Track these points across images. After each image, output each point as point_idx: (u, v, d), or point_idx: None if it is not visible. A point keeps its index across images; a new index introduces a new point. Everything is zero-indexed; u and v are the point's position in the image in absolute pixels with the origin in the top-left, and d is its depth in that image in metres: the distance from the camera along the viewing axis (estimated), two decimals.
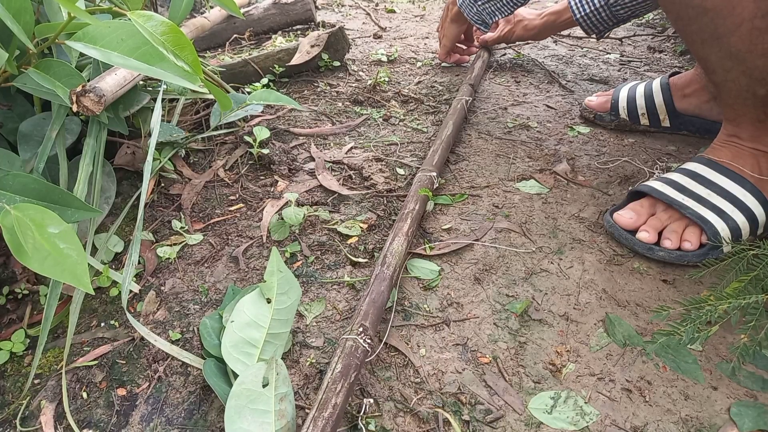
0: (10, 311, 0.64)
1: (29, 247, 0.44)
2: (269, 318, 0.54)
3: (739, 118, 0.72)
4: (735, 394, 0.52)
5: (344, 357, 0.49)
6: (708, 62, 0.71)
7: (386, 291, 0.58)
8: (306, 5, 1.53)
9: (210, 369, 0.53)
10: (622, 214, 0.71)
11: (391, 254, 0.63)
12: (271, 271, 0.57)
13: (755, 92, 0.68)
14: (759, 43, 0.63)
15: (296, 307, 0.57)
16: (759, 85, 0.67)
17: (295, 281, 0.58)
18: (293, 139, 0.97)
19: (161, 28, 0.48)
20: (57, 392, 0.54)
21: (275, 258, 0.58)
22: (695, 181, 0.70)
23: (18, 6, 0.54)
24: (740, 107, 0.71)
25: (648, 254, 0.68)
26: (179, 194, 0.81)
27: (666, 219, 0.70)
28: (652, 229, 0.69)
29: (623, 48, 1.40)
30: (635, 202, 0.73)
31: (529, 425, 0.49)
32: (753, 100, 0.69)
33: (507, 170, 0.87)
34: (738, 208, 0.66)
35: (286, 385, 0.48)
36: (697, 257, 0.66)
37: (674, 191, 0.70)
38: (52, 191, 0.54)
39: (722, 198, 0.67)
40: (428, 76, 1.26)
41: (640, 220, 0.70)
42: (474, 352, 0.56)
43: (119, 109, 0.75)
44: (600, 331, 0.58)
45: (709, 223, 0.66)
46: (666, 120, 0.94)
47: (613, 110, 0.98)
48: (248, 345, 0.53)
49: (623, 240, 0.70)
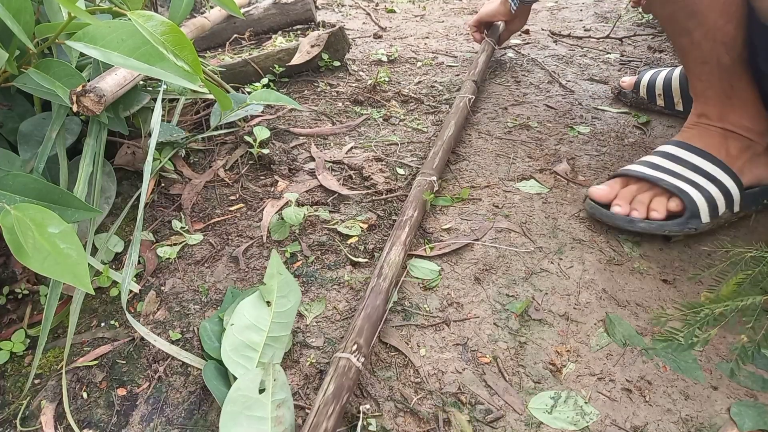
0: (10, 311, 0.64)
1: (29, 247, 0.44)
2: (269, 321, 0.54)
3: (707, 91, 0.74)
4: (735, 394, 0.52)
5: (337, 377, 0.47)
6: (672, 23, 0.73)
7: (382, 305, 0.56)
8: (306, 5, 1.53)
9: (210, 372, 0.52)
10: (596, 187, 0.74)
11: (388, 265, 0.60)
12: (271, 273, 0.57)
13: (719, 58, 0.69)
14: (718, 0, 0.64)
15: (296, 310, 0.57)
16: (722, 49, 0.68)
17: (295, 284, 0.58)
18: (293, 139, 0.97)
19: (161, 28, 0.48)
20: (57, 392, 0.54)
21: (275, 261, 0.58)
22: (668, 160, 0.72)
23: (18, 6, 0.54)
24: (706, 77, 0.72)
25: (629, 227, 0.69)
26: (179, 194, 0.81)
27: (636, 190, 0.72)
28: (624, 201, 0.71)
29: (623, 48, 1.40)
30: (610, 180, 0.76)
31: (529, 425, 0.49)
32: (718, 70, 0.70)
33: (507, 170, 0.87)
34: (710, 180, 0.69)
35: (285, 391, 0.48)
36: (677, 226, 0.67)
37: (648, 169, 0.72)
38: (52, 191, 0.54)
39: (695, 173, 0.70)
40: (428, 76, 1.26)
41: (612, 193, 0.72)
42: (474, 352, 0.56)
43: (119, 109, 0.75)
44: (600, 331, 0.58)
45: (684, 192, 0.68)
46: (680, 104, 0.99)
47: (635, 88, 1.06)
48: (248, 348, 0.52)
49: (603, 217, 0.71)
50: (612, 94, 1.13)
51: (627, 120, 1.03)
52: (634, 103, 1.07)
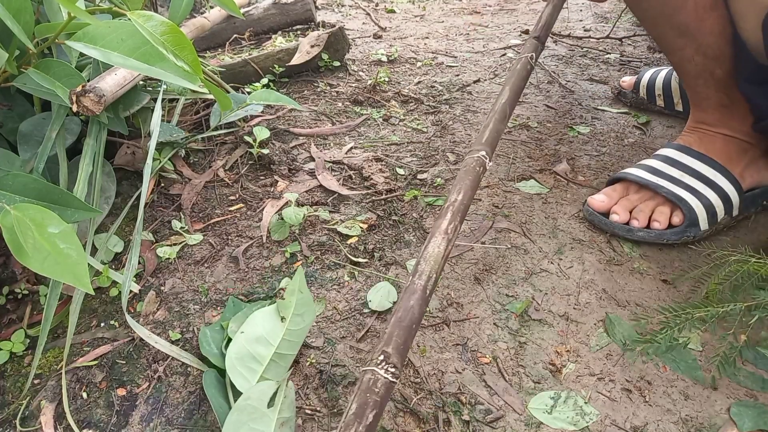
0: (10, 311, 0.64)
1: (29, 247, 0.44)
2: (280, 337, 0.53)
3: (704, 102, 0.74)
4: (735, 394, 0.52)
5: (360, 394, 0.41)
6: (664, 41, 0.73)
7: (417, 307, 0.47)
8: (306, 5, 1.53)
9: (210, 379, 0.52)
10: (595, 197, 0.73)
11: (425, 260, 0.51)
12: (292, 290, 0.55)
13: (712, 72, 0.69)
14: (705, 19, 0.65)
15: (308, 331, 0.56)
16: (715, 64, 0.68)
17: (312, 304, 0.56)
18: (293, 139, 0.97)
19: (161, 28, 0.48)
20: (57, 392, 0.54)
21: (299, 277, 0.56)
22: (667, 164, 0.72)
23: (18, 6, 0.54)
24: (702, 89, 0.72)
25: (627, 236, 0.69)
26: (179, 194, 0.81)
27: (636, 199, 0.72)
28: (623, 209, 0.70)
29: (623, 48, 1.40)
30: (609, 187, 0.75)
31: (529, 425, 0.49)
32: (713, 82, 0.70)
33: (507, 170, 0.87)
34: (709, 186, 0.68)
35: (290, 411, 0.47)
36: (675, 235, 0.67)
37: (647, 173, 0.72)
38: (52, 191, 0.54)
39: (694, 178, 0.69)
40: (428, 76, 1.26)
41: (611, 202, 0.72)
42: (474, 352, 0.56)
43: (119, 109, 0.75)
44: (600, 331, 0.58)
45: (683, 200, 0.67)
46: (680, 104, 0.99)
47: (635, 88, 1.05)
48: (253, 360, 0.51)
49: (601, 225, 0.71)
50: (612, 94, 1.13)
51: (627, 120, 1.03)
52: (633, 103, 1.07)
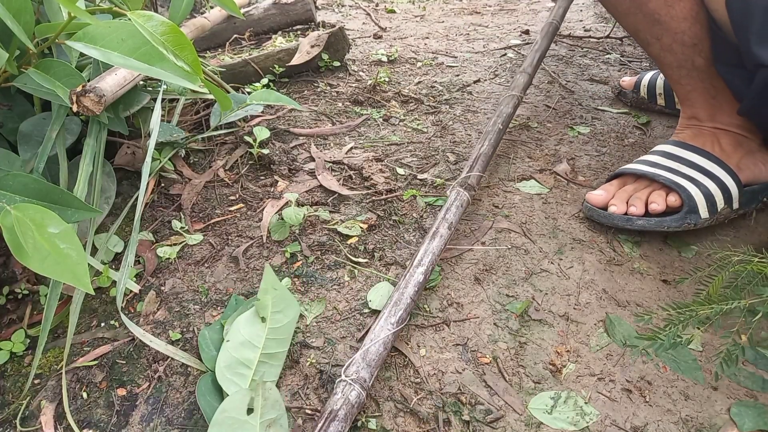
0: (10, 311, 0.64)
1: (29, 247, 0.44)
2: (263, 338, 0.53)
3: (691, 95, 0.74)
4: (735, 394, 0.52)
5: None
6: (641, 34, 0.73)
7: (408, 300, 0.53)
8: (306, 5, 1.53)
9: (206, 386, 0.51)
10: (593, 193, 0.73)
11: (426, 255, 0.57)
12: (265, 289, 0.55)
13: (693, 61, 0.69)
14: (675, 5, 0.64)
15: (294, 326, 0.56)
16: (693, 51, 0.68)
17: (292, 299, 0.56)
18: (293, 139, 0.97)
19: (161, 28, 0.48)
20: (57, 392, 0.54)
21: (269, 275, 0.56)
22: (664, 158, 0.73)
23: (18, 6, 0.54)
24: (686, 81, 0.73)
25: (627, 225, 0.69)
26: (179, 194, 0.81)
27: (633, 189, 0.72)
28: (620, 200, 0.71)
29: (623, 48, 1.40)
30: (607, 183, 0.76)
31: (529, 425, 0.49)
32: (696, 72, 0.71)
33: (507, 170, 0.87)
34: (707, 176, 0.69)
35: (276, 410, 0.46)
36: (676, 222, 0.67)
37: (645, 166, 0.73)
38: (52, 191, 0.54)
39: (691, 168, 0.70)
40: (428, 76, 1.26)
41: (609, 196, 0.72)
42: (474, 352, 0.56)
43: (119, 109, 0.75)
44: (600, 332, 0.58)
45: (682, 187, 0.68)
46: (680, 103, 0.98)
47: (636, 88, 1.06)
48: (242, 366, 0.51)
49: (600, 218, 0.71)
50: (612, 94, 1.13)
51: (627, 120, 1.03)
52: (634, 103, 1.07)
